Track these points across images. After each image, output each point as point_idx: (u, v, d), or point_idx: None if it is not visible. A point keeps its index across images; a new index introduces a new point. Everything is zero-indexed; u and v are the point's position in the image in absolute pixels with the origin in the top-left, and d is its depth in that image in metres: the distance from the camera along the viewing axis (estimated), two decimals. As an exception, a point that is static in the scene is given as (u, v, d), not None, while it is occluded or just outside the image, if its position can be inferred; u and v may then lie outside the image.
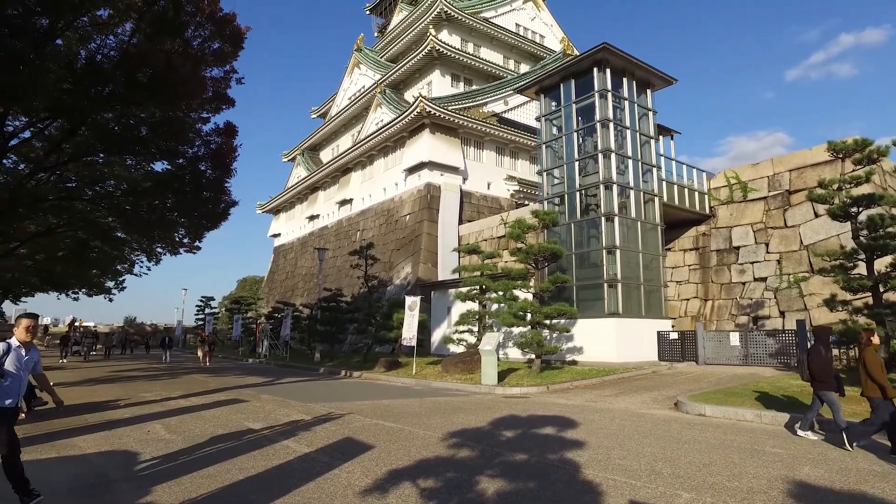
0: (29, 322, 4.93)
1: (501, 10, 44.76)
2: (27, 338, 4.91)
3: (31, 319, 4.97)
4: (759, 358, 17.28)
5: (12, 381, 4.76)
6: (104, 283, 31.69)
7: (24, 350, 4.89)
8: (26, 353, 4.92)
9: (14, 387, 4.78)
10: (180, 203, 18.49)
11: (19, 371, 4.81)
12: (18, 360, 4.82)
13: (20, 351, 4.86)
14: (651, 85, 22.36)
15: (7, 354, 4.77)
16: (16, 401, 4.83)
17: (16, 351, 4.84)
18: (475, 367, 16.97)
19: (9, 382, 4.74)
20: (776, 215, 20.23)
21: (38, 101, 12.89)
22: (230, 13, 15.81)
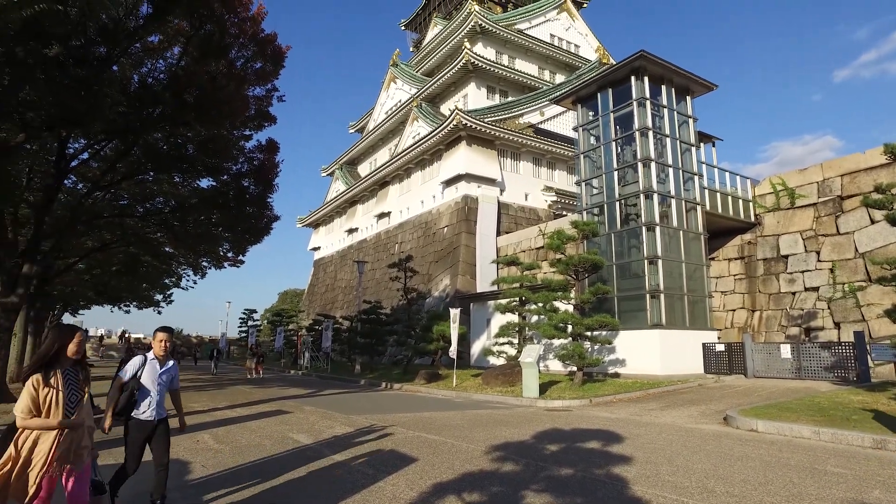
0: (164, 336, 4.85)
1: (535, 21, 44.80)
2: (161, 352, 4.84)
3: (165, 333, 4.88)
4: (813, 371, 16.54)
5: (148, 394, 4.72)
6: (153, 296, 32.88)
7: (158, 364, 4.83)
8: (161, 367, 4.84)
9: (151, 401, 4.73)
10: (225, 218, 19.07)
11: (155, 385, 4.75)
12: (154, 374, 4.77)
13: (155, 364, 4.81)
14: (690, 91, 21.93)
15: (142, 367, 4.75)
16: (152, 414, 4.75)
17: (151, 364, 4.79)
18: (516, 379, 16.82)
19: (146, 396, 4.71)
20: (827, 222, 19.44)
21: (96, 124, 13.55)
22: (271, 34, 16.32)
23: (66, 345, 3.58)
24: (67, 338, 3.62)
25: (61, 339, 3.60)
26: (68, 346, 3.59)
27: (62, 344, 3.57)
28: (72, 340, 3.63)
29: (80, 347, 3.64)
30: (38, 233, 15.30)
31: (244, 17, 15.38)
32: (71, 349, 3.60)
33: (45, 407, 3.39)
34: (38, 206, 15.86)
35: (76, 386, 3.61)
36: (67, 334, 3.64)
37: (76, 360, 3.67)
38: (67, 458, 3.47)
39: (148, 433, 4.77)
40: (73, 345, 3.61)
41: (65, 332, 3.66)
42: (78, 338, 3.64)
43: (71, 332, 3.67)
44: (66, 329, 3.69)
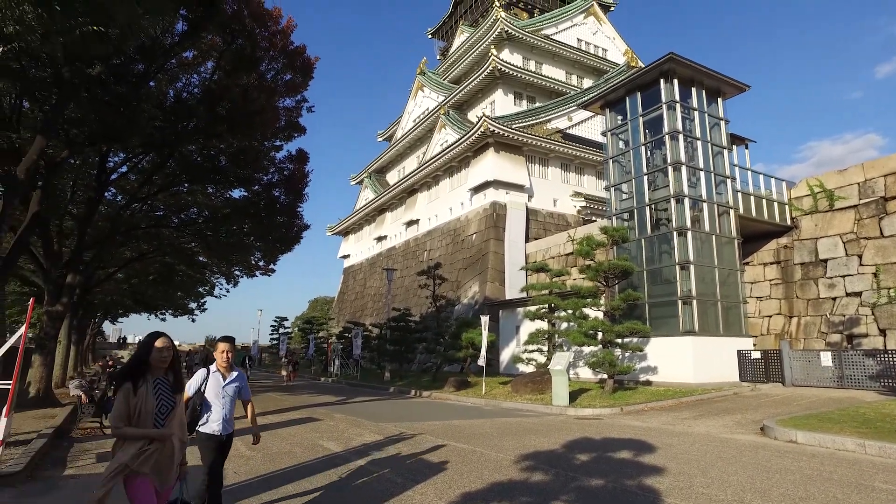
0: (226, 346, 4.61)
1: (562, 26, 44.63)
2: (224, 363, 4.63)
3: (228, 343, 4.65)
4: (856, 380, 15.91)
5: (213, 408, 4.52)
6: (188, 305, 33.71)
7: (222, 376, 4.62)
8: (225, 379, 4.62)
9: (216, 414, 4.52)
10: (256, 228, 19.48)
11: (219, 398, 4.54)
12: (217, 387, 4.57)
13: (218, 377, 4.60)
14: (722, 93, 21.49)
15: (205, 381, 4.56)
16: (219, 428, 4.54)
17: (214, 377, 4.59)
18: (545, 387, 16.66)
19: (209, 410, 4.52)
20: (870, 224, 18.75)
21: (134, 138, 14.05)
22: (300, 46, 16.64)
23: (150, 352, 3.39)
24: (150, 344, 3.41)
25: (146, 345, 3.41)
26: (153, 352, 3.39)
27: (147, 351, 3.38)
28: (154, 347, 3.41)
29: (165, 355, 3.42)
30: (80, 244, 15.91)
31: (274, 30, 15.75)
32: (154, 357, 3.38)
33: (134, 416, 3.23)
34: (80, 219, 16.49)
35: (168, 395, 3.41)
36: (150, 341, 3.44)
37: (169, 368, 3.48)
38: (154, 471, 3.26)
39: (218, 446, 4.60)
40: (155, 351, 3.39)
41: (149, 338, 3.47)
42: (161, 343, 3.42)
43: (153, 339, 3.45)
44: (151, 336, 3.49)
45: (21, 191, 11.26)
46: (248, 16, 14.68)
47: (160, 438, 3.30)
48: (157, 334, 3.49)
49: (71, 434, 10.82)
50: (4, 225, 10.54)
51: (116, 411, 3.22)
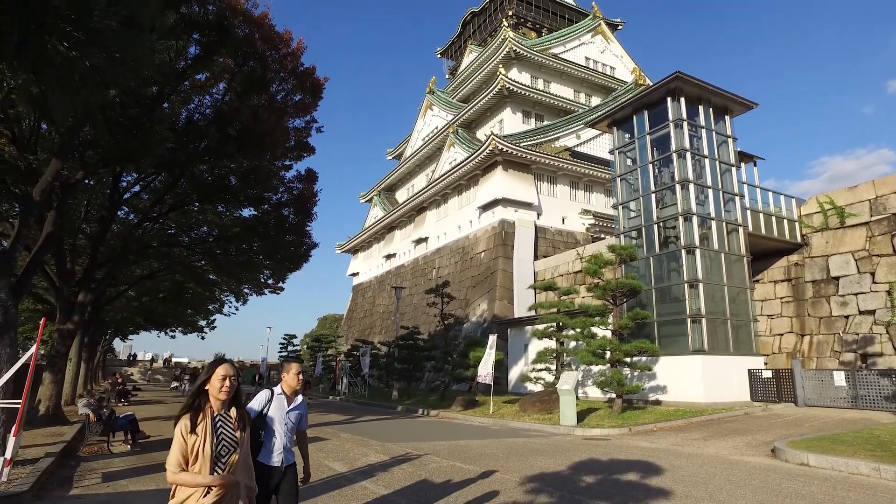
0: (298, 367, 4.11)
1: (570, 45, 45.03)
2: (296, 385, 4.09)
3: (299, 364, 4.14)
4: (871, 401, 15.63)
5: (275, 436, 3.97)
6: (198, 322, 33.90)
7: (286, 400, 4.07)
8: (289, 404, 4.06)
9: (277, 442, 3.95)
10: (265, 247, 19.66)
11: (282, 424, 3.99)
12: (281, 411, 4.02)
13: (283, 401, 4.05)
14: (729, 111, 21.54)
15: (269, 404, 4.03)
16: (279, 459, 3.93)
17: (278, 400, 4.05)
18: (553, 406, 16.52)
19: (272, 438, 3.97)
20: (882, 242, 18.57)
21: (147, 159, 14.32)
22: (310, 67, 16.93)
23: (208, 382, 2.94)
24: (211, 373, 2.95)
25: (205, 377, 2.96)
26: (213, 382, 2.92)
27: (207, 380, 2.94)
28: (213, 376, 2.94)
29: (227, 385, 2.94)
30: (93, 262, 16.14)
31: (285, 52, 16.06)
32: (215, 386, 2.91)
33: (192, 457, 2.83)
34: (94, 237, 16.75)
35: (230, 434, 2.95)
36: (211, 369, 2.99)
37: (232, 401, 3.02)
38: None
39: (275, 481, 3.98)
40: (216, 380, 2.92)
41: (211, 366, 3.02)
42: (223, 372, 2.95)
43: (214, 366, 3.00)
44: (212, 363, 3.05)
45: (36, 211, 11.49)
46: (259, 39, 15.02)
47: (223, 486, 2.87)
48: (219, 361, 3.06)
49: (78, 453, 10.89)
50: (19, 245, 10.73)
51: (172, 453, 2.83)
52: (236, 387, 3.03)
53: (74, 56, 1.73)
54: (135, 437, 11.74)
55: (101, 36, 1.76)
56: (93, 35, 1.71)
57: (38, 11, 1.60)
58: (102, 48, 1.84)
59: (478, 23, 55.09)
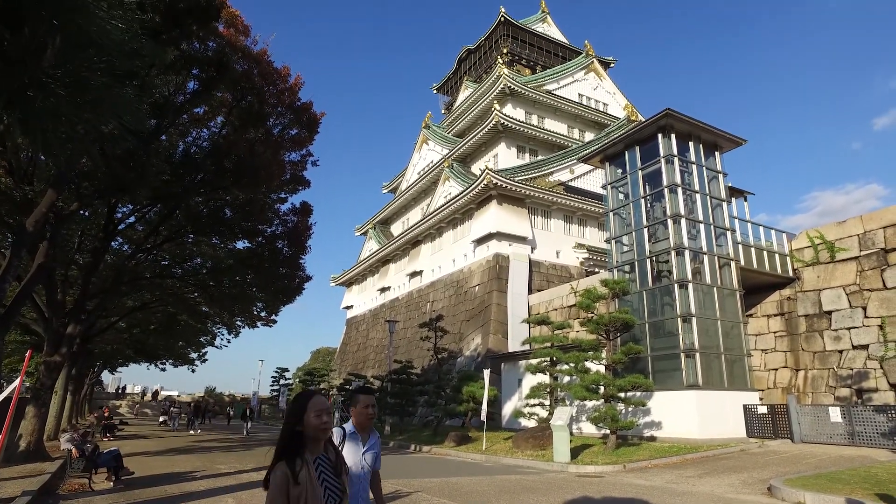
0: (369, 399, 3.52)
1: (563, 81, 46.03)
2: (367, 421, 3.49)
3: (370, 396, 3.58)
4: (868, 437, 15.47)
5: (352, 481, 3.21)
6: (188, 354, 33.50)
7: (360, 440, 3.45)
8: (364, 443, 3.45)
9: (357, 488, 3.29)
10: (259, 279, 19.62)
11: (358, 467, 3.34)
12: (356, 453, 3.38)
13: (356, 440, 3.43)
14: (719, 147, 21.94)
15: (342, 443, 3.37)
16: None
17: (351, 439, 3.42)
18: (547, 442, 16.29)
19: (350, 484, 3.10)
20: (872, 276, 18.70)
21: (143, 191, 14.40)
22: (307, 102, 17.24)
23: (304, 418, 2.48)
24: (304, 408, 2.51)
25: (298, 409, 2.51)
26: (308, 419, 2.47)
27: (299, 417, 2.49)
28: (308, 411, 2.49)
29: (325, 421, 2.52)
30: (84, 293, 16.04)
31: (282, 87, 16.38)
32: (312, 424, 2.47)
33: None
34: (86, 268, 16.69)
35: (333, 480, 2.54)
36: (303, 402, 2.54)
37: (328, 441, 2.62)
38: None
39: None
40: (312, 416, 2.48)
41: (300, 400, 2.57)
42: (320, 405, 2.54)
43: (305, 399, 2.56)
44: (303, 396, 2.60)
45: (29, 242, 11.48)
46: (257, 75, 15.33)
47: None
48: (309, 393, 2.62)
49: (58, 490, 10.60)
50: (9, 275, 10.68)
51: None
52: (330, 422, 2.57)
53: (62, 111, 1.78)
54: (118, 473, 11.46)
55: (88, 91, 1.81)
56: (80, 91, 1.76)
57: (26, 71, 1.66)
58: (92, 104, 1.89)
59: (473, 60, 56.39)
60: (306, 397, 2.57)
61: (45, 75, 1.88)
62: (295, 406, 2.54)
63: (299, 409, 2.50)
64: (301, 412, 2.49)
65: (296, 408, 2.53)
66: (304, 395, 2.60)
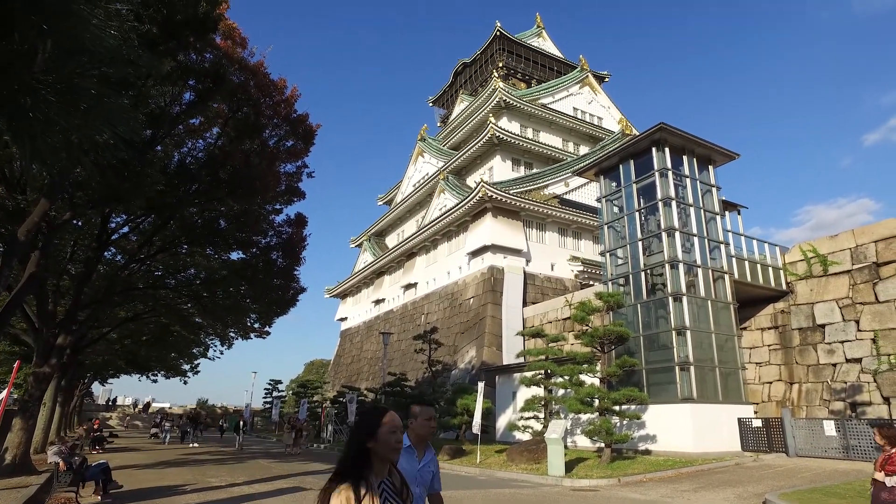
0: (430, 412, 3.28)
1: (558, 95, 46.38)
2: (428, 435, 3.24)
3: (431, 409, 3.33)
4: (862, 451, 15.46)
5: None
6: (181, 366, 33.20)
7: (416, 455, 3.16)
8: (420, 460, 3.16)
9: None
10: (253, 290, 19.53)
11: (415, 485, 2.95)
12: (412, 470, 3.03)
13: (412, 454, 3.14)
14: (712, 161, 22.12)
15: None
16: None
17: (408, 454, 3.09)
18: (541, 456, 16.18)
19: None
20: (865, 290, 18.79)
21: (137, 201, 14.35)
22: (303, 114, 17.27)
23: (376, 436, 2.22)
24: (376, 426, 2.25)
25: (369, 426, 2.25)
26: (381, 436, 2.22)
27: (370, 434, 2.23)
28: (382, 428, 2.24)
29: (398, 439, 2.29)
30: (76, 304, 15.89)
31: (279, 99, 16.42)
32: (386, 442, 2.22)
33: None
34: (78, 278, 16.56)
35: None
36: (375, 420, 2.28)
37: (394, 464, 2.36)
38: None
39: None
40: (387, 433, 2.24)
41: (372, 417, 2.31)
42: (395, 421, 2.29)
43: (378, 416, 2.30)
44: (374, 413, 2.34)
45: (20, 252, 11.39)
46: (254, 86, 15.37)
47: None
48: (381, 410, 2.36)
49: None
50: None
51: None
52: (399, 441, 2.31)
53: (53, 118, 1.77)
54: (106, 486, 11.29)
55: (80, 98, 1.79)
56: (72, 97, 1.74)
57: (15, 76, 1.65)
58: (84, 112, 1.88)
59: (469, 73, 56.81)
60: (381, 412, 2.32)
61: (35, 81, 1.88)
62: (367, 420, 2.28)
63: (372, 424, 2.24)
64: (374, 427, 2.23)
65: (368, 422, 2.26)
66: (378, 410, 2.34)
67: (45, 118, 1.95)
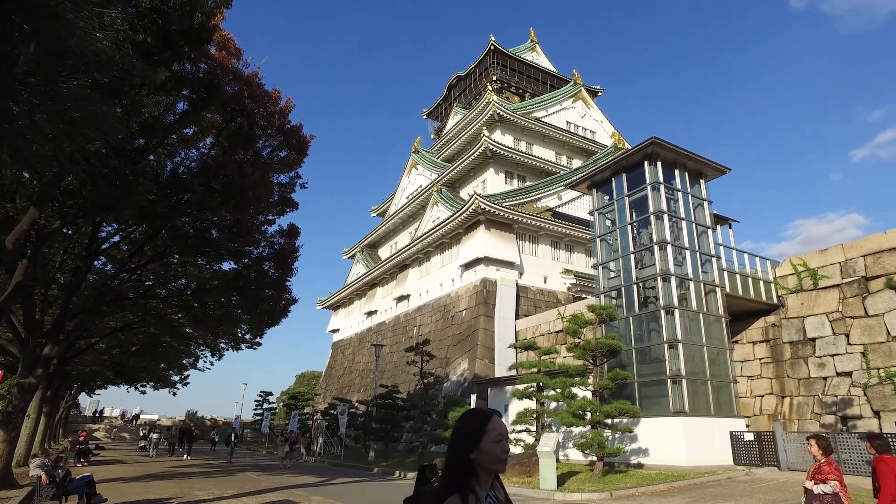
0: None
1: (552, 109, 46.72)
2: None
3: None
4: (854, 465, 15.44)
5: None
6: (170, 377, 32.85)
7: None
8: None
9: None
10: (244, 301, 19.40)
11: None
12: None
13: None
14: (704, 175, 22.29)
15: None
16: None
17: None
18: (533, 469, 16.06)
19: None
20: (854, 304, 18.91)
21: (128, 210, 14.26)
22: (297, 125, 17.28)
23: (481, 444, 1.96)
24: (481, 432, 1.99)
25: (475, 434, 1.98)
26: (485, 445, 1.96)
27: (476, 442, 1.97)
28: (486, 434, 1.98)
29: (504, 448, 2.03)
30: (63, 313, 15.71)
31: (273, 110, 16.44)
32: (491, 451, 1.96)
33: None
34: (67, 287, 16.39)
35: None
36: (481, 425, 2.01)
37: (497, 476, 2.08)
38: None
39: None
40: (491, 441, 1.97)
41: (477, 420, 2.04)
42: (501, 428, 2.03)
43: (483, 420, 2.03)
44: (478, 416, 2.06)
45: (7, 260, 11.28)
46: (248, 97, 15.39)
47: None
48: (486, 413, 2.09)
49: (28, 516, 10.22)
50: (-14, 294, 10.46)
51: None
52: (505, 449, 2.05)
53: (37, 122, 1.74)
54: (90, 500, 11.10)
55: (65, 101, 1.77)
56: (57, 100, 1.72)
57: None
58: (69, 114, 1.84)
59: (463, 86, 57.20)
60: (483, 418, 2.03)
61: (18, 82, 1.86)
62: (469, 427, 2.01)
63: (476, 432, 1.98)
64: (479, 435, 1.97)
65: (471, 430, 2.00)
66: (480, 415, 2.06)
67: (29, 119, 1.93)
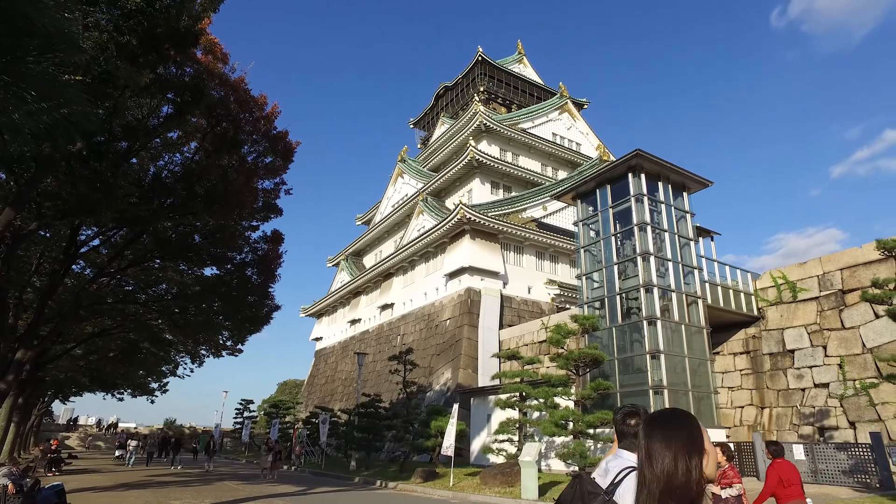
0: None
1: (538, 121, 47.09)
2: None
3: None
4: (830, 475, 15.65)
5: None
6: (149, 384, 32.28)
7: None
8: None
9: None
10: (226, 307, 19.17)
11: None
12: None
13: None
14: (687, 188, 22.61)
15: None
16: None
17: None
18: (515, 479, 16.01)
19: None
20: (831, 316, 19.25)
21: (108, 213, 14.04)
22: (283, 131, 17.19)
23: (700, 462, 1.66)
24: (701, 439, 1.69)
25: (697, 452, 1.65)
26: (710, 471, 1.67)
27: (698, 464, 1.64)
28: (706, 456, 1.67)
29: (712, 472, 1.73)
30: (38, 317, 15.34)
31: (259, 115, 16.34)
32: (710, 475, 1.66)
33: None
34: (43, 291, 16.04)
35: None
36: (698, 431, 1.72)
37: None
38: None
39: None
40: (713, 466, 1.69)
41: (694, 426, 1.73)
42: (711, 447, 1.73)
43: (693, 424, 1.74)
44: (688, 421, 1.75)
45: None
46: (234, 102, 15.28)
47: None
48: (695, 424, 1.74)
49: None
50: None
51: None
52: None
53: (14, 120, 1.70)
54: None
55: (30, 79, 1.73)
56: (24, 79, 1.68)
57: None
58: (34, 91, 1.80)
59: (450, 96, 57.48)
60: (697, 426, 1.66)
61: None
62: (689, 438, 1.63)
63: (700, 448, 1.62)
64: (701, 452, 1.62)
65: (697, 436, 1.64)
66: (690, 423, 1.68)
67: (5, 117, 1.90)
